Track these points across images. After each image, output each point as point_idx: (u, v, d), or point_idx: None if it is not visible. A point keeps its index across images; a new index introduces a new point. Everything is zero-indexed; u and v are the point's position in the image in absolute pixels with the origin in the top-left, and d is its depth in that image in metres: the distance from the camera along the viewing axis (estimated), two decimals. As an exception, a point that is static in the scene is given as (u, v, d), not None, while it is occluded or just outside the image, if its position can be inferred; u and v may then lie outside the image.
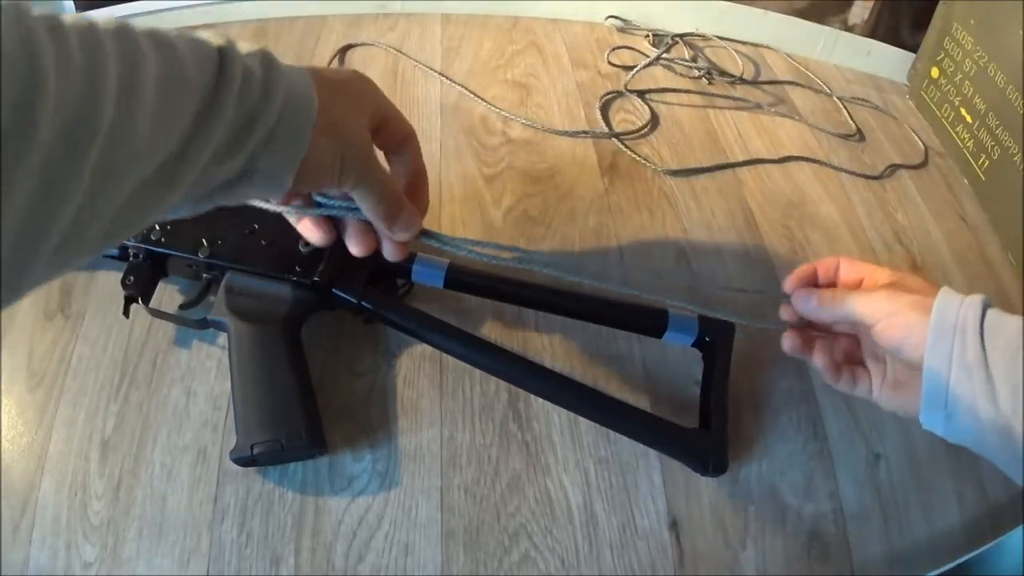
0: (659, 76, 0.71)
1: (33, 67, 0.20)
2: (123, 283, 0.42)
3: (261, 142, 0.30)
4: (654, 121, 0.65)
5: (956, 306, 0.33)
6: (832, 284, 0.41)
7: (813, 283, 0.41)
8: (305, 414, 0.39)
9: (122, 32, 0.25)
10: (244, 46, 0.31)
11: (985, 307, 0.33)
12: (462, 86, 0.66)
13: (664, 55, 0.73)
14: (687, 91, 0.70)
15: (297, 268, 0.42)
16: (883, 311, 0.36)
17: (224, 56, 0.29)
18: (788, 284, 0.41)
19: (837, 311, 0.38)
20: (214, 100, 0.28)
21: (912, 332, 0.34)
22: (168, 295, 0.46)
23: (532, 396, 0.43)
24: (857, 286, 0.40)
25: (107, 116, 0.22)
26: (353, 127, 0.36)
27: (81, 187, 0.22)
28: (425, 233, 0.38)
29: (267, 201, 0.36)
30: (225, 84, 0.28)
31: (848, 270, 0.40)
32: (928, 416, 0.34)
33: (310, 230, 0.37)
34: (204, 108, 0.27)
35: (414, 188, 0.39)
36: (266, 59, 0.31)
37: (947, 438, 0.34)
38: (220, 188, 0.30)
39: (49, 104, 0.20)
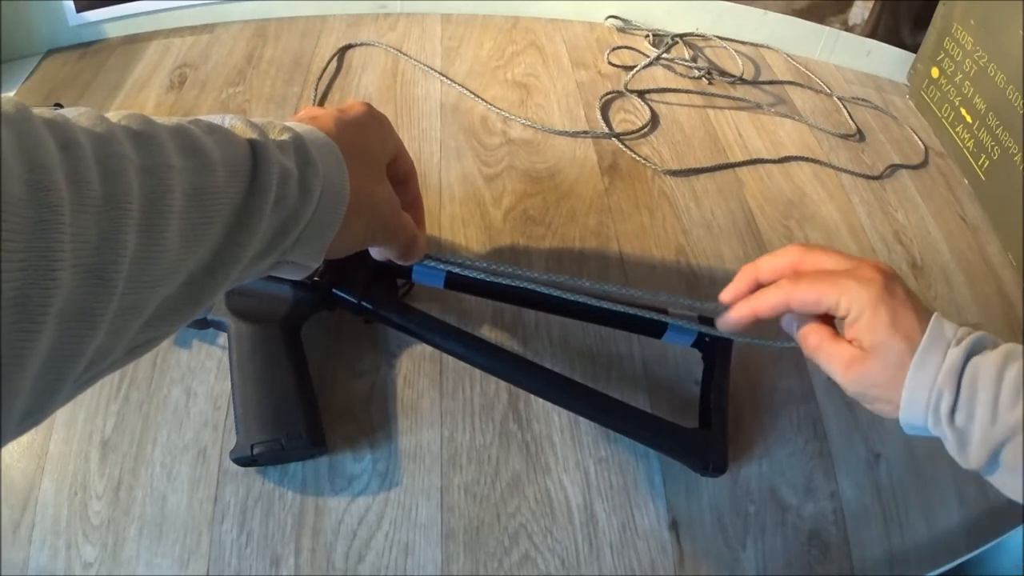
0: (659, 76, 0.71)
1: (44, 204, 0.18)
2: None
3: (294, 241, 0.29)
4: (654, 121, 0.65)
5: (922, 409, 0.32)
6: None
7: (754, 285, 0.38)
8: (305, 414, 0.39)
9: (146, 138, 0.23)
10: (276, 131, 0.29)
11: (960, 377, 0.31)
12: (462, 86, 0.66)
13: (664, 55, 0.73)
14: (687, 91, 0.70)
15: (297, 268, 0.42)
16: (853, 391, 0.34)
17: (258, 157, 0.26)
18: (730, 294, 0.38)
19: (809, 355, 0.36)
20: (247, 210, 0.25)
21: (885, 402, 0.33)
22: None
23: (532, 396, 0.43)
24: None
25: (129, 245, 0.20)
26: (380, 191, 0.35)
27: (104, 321, 0.20)
28: (427, 257, 0.41)
29: None
30: (260, 192, 0.26)
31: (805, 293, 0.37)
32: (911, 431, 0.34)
33: None
34: (236, 220, 0.25)
35: (411, 216, 0.39)
36: (301, 152, 0.29)
37: None
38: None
39: (65, 244, 0.18)
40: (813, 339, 0.36)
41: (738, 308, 0.37)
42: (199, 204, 0.23)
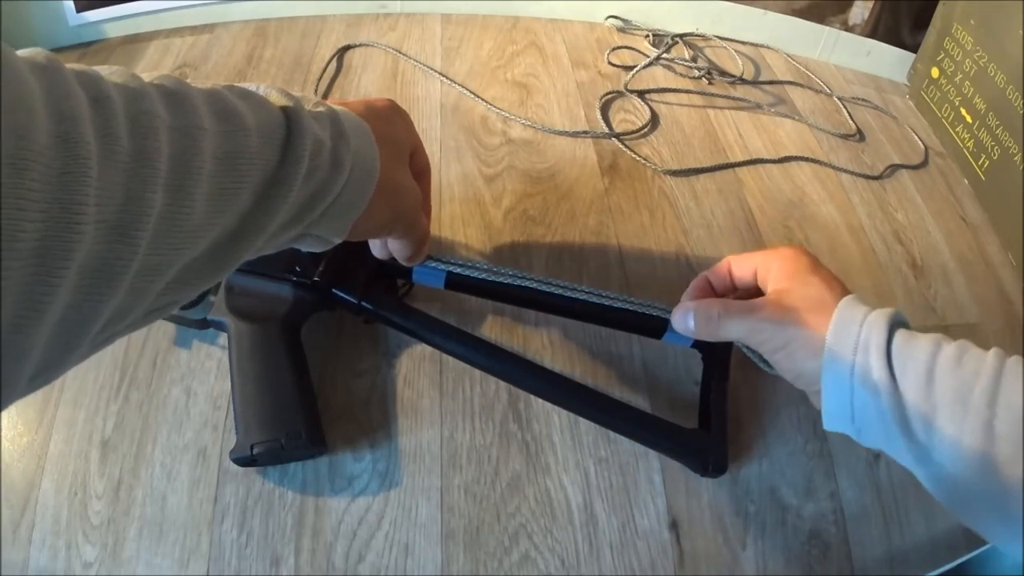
0: (659, 76, 0.71)
1: (71, 156, 0.17)
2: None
3: (321, 214, 0.28)
4: (654, 121, 0.65)
5: (855, 329, 0.31)
6: (732, 288, 0.39)
7: (709, 293, 0.39)
8: (305, 414, 0.39)
9: (179, 99, 0.22)
10: (310, 104, 0.28)
11: (892, 327, 0.31)
12: (462, 86, 0.66)
13: (664, 55, 0.73)
14: (687, 91, 0.70)
15: (297, 268, 0.42)
16: (773, 342, 0.33)
17: (292, 125, 0.26)
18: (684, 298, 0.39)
19: (721, 335, 0.35)
20: (278, 179, 0.25)
21: (806, 369, 0.32)
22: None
23: (532, 396, 0.43)
24: (754, 279, 0.38)
25: (156, 204, 0.20)
26: (405, 180, 0.35)
27: (125, 280, 0.20)
28: (428, 257, 0.42)
29: None
30: (292, 162, 0.25)
31: (739, 268, 0.38)
32: (833, 426, 0.33)
33: None
34: (267, 187, 0.25)
35: None
36: (335, 125, 0.28)
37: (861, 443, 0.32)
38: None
39: (89, 199, 0.18)
40: (716, 308, 0.35)
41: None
42: (230, 168, 0.23)
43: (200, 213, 0.22)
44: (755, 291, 0.38)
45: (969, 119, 0.65)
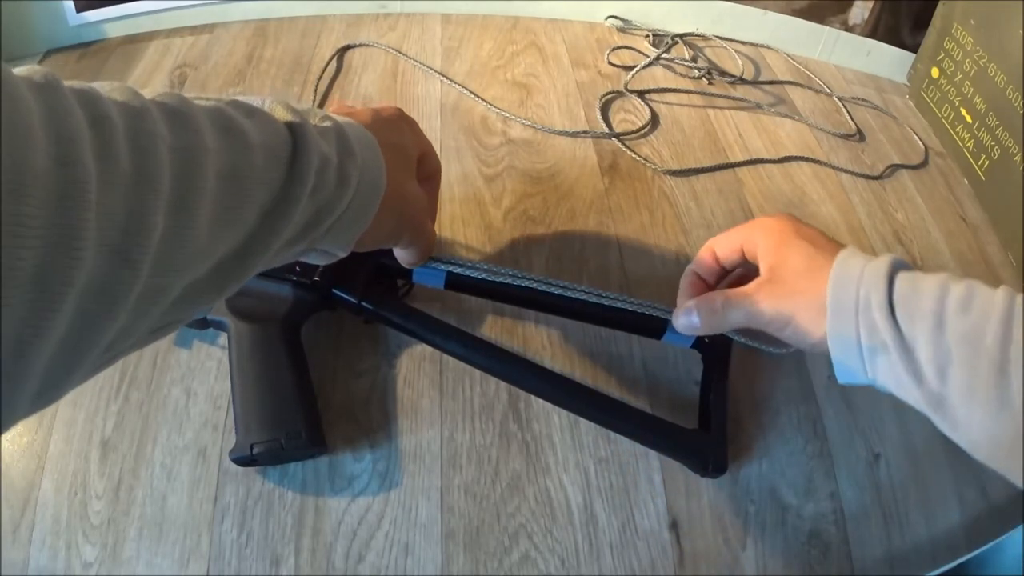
0: (659, 76, 0.71)
1: (70, 179, 0.17)
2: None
3: (326, 230, 0.28)
4: (654, 121, 0.65)
5: (853, 288, 0.31)
6: (722, 274, 0.39)
7: (703, 287, 0.39)
8: (305, 414, 0.39)
9: (182, 117, 0.22)
10: (318, 118, 0.28)
11: (891, 276, 0.30)
12: (462, 86, 0.66)
13: (664, 55, 0.73)
14: (687, 91, 0.70)
15: (297, 268, 0.42)
16: (777, 321, 0.33)
17: (297, 142, 0.25)
18: (679, 301, 0.39)
19: (726, 326, 0.36)
20: (284, 197, 0.25)
21: (817, 339, 0.32)
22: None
23: (532, 396, 0.43)
24: (742, 256, 0.37)
25: (158, 226, 0.20)
26: (411, 189, 0.35)
27: (128, 303, 0.19)
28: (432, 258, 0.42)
29: None
30: (298, 180, 0.25)
31: (724, 249, 0.38)
32: (846, 380, 0.32)
33: None
34: (273, 205, 0.24)
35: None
36: (342, 140, 0.28)
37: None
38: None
39: (89, 222, 0.17)
40: (718, 299, 0.35)
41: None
42: (234, 188, 0.23)
43: (204, 233, 0.21)
44: (749, 268, 0.38)
45: (969, 119, 0.65)
